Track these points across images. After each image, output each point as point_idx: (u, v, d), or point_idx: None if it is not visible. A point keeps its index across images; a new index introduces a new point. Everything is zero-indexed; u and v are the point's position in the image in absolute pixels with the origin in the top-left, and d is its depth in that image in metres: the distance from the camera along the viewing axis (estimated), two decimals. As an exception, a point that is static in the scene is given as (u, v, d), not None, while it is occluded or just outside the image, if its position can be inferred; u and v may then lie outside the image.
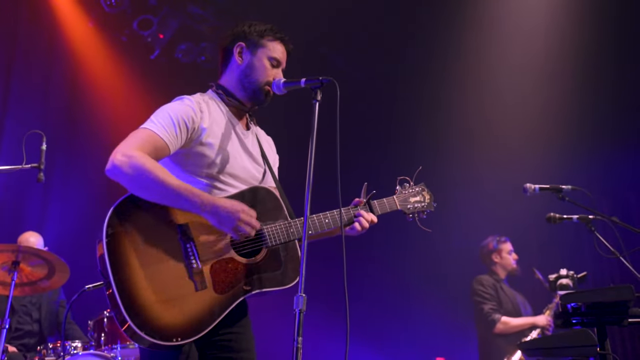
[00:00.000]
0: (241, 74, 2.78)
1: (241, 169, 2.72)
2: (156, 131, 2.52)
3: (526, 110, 7.52)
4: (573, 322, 3.55)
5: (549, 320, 5.83)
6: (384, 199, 2.97)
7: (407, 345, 8.13)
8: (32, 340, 5.69)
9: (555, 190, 4.10)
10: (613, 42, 6.96)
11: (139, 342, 2.35)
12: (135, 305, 2.31)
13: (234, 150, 2.71)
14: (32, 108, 7.12)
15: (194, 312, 2.40)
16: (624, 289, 3.38)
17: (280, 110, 4.22)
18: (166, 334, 2.33)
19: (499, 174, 7.57)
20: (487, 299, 6.02)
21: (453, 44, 7.48)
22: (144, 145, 2.47)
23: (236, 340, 2.63)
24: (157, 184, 2.40)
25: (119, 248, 2.37)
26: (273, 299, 2.71)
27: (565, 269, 4.64)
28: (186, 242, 2.45)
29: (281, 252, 2.63)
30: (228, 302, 2.48)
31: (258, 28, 2.82)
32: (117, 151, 2.44)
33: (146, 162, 2.42)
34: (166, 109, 2.61)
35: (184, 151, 2.61)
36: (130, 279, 2.34)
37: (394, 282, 8.31)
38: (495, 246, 6.26)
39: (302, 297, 2.25)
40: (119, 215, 2.42)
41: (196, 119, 2.60)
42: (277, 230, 2.61)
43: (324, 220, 2.73)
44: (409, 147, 8.01)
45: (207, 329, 2.41)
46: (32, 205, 7.01)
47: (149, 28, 7.51)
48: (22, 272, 4.80)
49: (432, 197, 3.09)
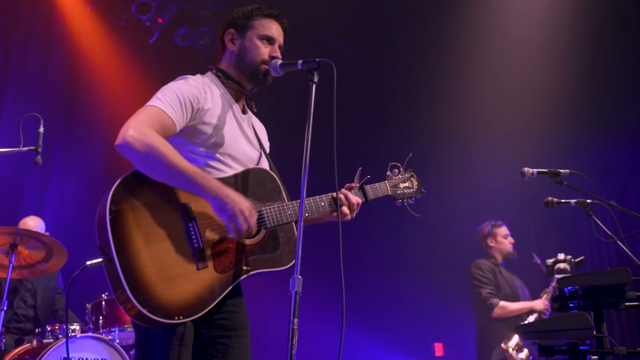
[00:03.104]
0: (236, 59, 2.79)
1: (240, 150, 2.73)
2: (164, 109, 2.51)
3: (525, 95, 7.49)
4: (570, 305, 3.56)
5: (546, 305, 5.85)
6: (377, 184, 3.01)
7: (405, 330, 8.16)
8: (29, 325, 5.72)
9: (553, 174, 4.10)
10: (612, 27, 6.92)
11: (141, 319, 2.35)
12: (138, 283, 2.31)
13: (234, 132, 2.73)
14: (30, 91, 7.11)
15: (195, 291, 2.41)
16: (620, 272, 3.39)
17: (275, 95, 4.21)
18: (168, 312, 2.34)
19: (497, 158, 7.56)
20: (485, 283, 6.02)
21: (451, 29, 7.44)
22: (153, 122, 2.46)
23: (231, 319, 2.65)
24: (165, 165, 2.40)
25: (122, 226, 2.36)
26: (269, 281, 2.72)
27: (562, 254, 4.64)
28: (188, 221, 2.46)
29: (279, 234, 2.65)
30: (228, 281, 2.49)
31: (245, 10, 2.83)
32: (128, 126, 2.42)
33: (157, 142, 2.40)
34: (172, 87, 2.61)
35: (186, 130, 2.61)
36: (133, 256, 2.34)
37: (391, 267, 8.33)
38: (489, 230, 6.27)
39: (298, 278, 2.27)
40: (122, 192, 2.40)
41: (200, 99, 2.61)
42: (275, 211, 2.62)
43: (320, 203, 2.75)
44: (405, 131, 8.01)
45: (207, 307, 2.43)
46: (30, 188, 7.01)
47: (147, 12, 7.49)
48: (20, 254, 4.82)
49: (419, 183, 3.15)
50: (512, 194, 7.49)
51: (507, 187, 7.36)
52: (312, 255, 2.64)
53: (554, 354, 3.44)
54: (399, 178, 3.10)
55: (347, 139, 2.27)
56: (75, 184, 7.17)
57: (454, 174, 7.81)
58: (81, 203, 6.79)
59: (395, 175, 3.11)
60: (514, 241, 6.27)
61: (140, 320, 2.37)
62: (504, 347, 5.72)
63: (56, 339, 4.87)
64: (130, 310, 2.33)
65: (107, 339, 4.87)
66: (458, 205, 7.67)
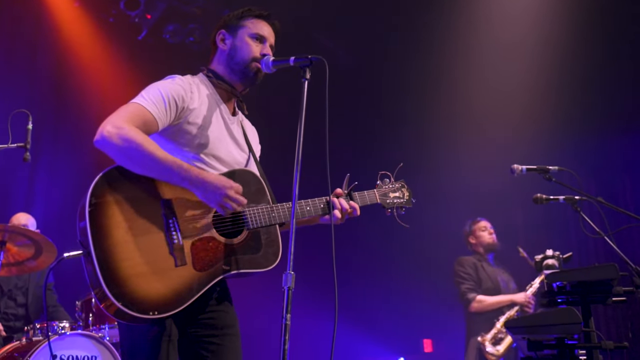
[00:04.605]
0: (227, 58, 2.80)
1: (226, 152, 2.73)
2: (146, 106, 2.53)
3: (513, 94, 7.53)
4: (558, 300, 3.60)
5: (528, 298, 5.89)
6: (365, 192, 3.00)
7: (394, 326, 8.19)
8: (18, 323, 5.67)
9: (542, 171, 4.13)
10: (603, 23, 6.96)
11: (116, 315, 2.36)
12: (114, 277, 2.31)
13: (220, 134, 2.73)
14: (17, 87, 7.05)
15: (172, 287, 2.40)
16: (608, 267, 3.44)
17: (265, 95, 4.21)
18: (143, 307, 2.33)
19: (486, 156, 7.59)
20: (465, 278, 6.13)
21: (440, 28, 7.45)
22: (134, 118, 2.48)
23: (219, 317, 2.66)
24: (145, 156, 2.41)
25: (101, 219, 2.37)
26: (259, 279, 2.71)
27: (551, 250, 4.68)
28: (169, 217, 2.46)
29: (262, 235, 2.64)
30: (207, 279, 2.48)
31: (236, 12, 2.86)
32: (107, 122, 2.45)
33: (135, 135, 2.42)
34: (157, 85, 2.62)
35: (171, 129, 2.61)
36: (110, 250, 2.34)
37: (380, 264, 8.36)
38: (468, 229, 6.41)
39: (291, 274, 2.28)
40: (103, 185, 2.42)
41: (186, 98, 2.62)
42: (259, 213, 2.62)
43: (306, 207, 2.75)
44: (394, 131, 8.03)
45: (184, 304, 2.41)
46: (19, 185, 6.97)
47: (136, 8, 7.43)
48: (9, 252, 4.79)
49: (411, 194, 3.15)
50: (501, 191, 7.53)
51: (496, 184, 7.40)
52: (301, 253, 2.64)
53: (543, 348, 3.47)
54: (388, 187, 3.09)
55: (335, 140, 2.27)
56: (63, 180, 7.12)
57: (442, 172, 7.85)
58: (70, 200, 6.72)
59: (386, 184, 3.09)
60: (493, 231, 6.33)
61: (116, 316, 2.37)
62: (480, 340, 5.80)
63: (45, 337, 4.84)
64: (109, 308, 2.33)
65: (97, 336, 4.85)
66: (447, 203, 7.70)
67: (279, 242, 2.66)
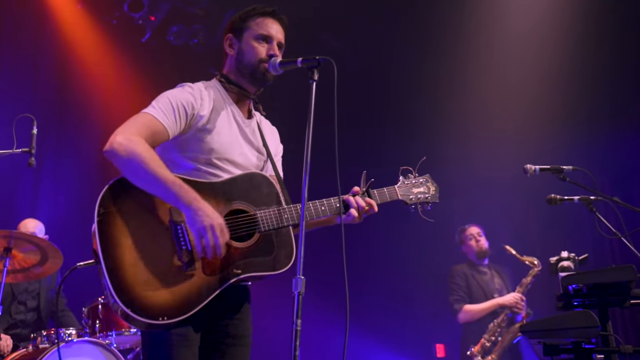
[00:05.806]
0: (235, 62, 2.81)
1: (240, 155, 2.74)
2: (156, 116, 2.57)
3: (525, 91, 7.45)
4: (574, 303, 3.53)
5: (516, 298, 5.80)
6: (385, 188, 2.92)
7: (406, 331, 8.12)
8: (25, 331, 5.62)
9: (556, 170, 4.05)
10: (613, 21, 6.89)
11: (128, 320, 2.39)
12: (122, 284, 2.35)
13: (233, 138, 2.74)
14: (21, 92, 7.03)
15: (181, 292, 2.42)
16: (625, 269, 3.35)
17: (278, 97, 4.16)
18: (152, 313, 2.36)
19: (498, 156, 7.52)
20: (454, 289, 6.12)
21: (452, 25, 7.41)
22: (143, 129, 2.53)
23: (233, 325, 2.68)
24: (146, 173, 2.44)
25: (110, 228, 2.42)
26: (272, 283, 2.67)
27: (566, 251, 4.59)
28: (177, 223, 2.47)
29: (274, 238, 2.62)
30: (217, 284, 2.49)
31: (241, 13, 2.86)
32: (117, 133, 2.49)
33: (142, 150, 2.46)
34: (167, 95, 2.66)
35: (183, 136, 2.65)
36: (119, 258, 2.39)
37: (393, 268, 8.29)
38: (457, 238, 6.41)
39: (301, 279, 2.26)
40: (112, 194, 2.47)
41: (196, 106, 2.65)
42: (270, 215, 2.61)
43: (320, 207, 2.72)
44: (405, 129, 7.96)
45: (194, 309, 2.43)
46: (24, 190, 6.95)
47: (140, 10, 7.43)
48: (15, 258, 4.75)
49: (437, 188, 3.04)
50: (514, 191, 7.44)
51: (508, 184, 7.31)
52: (313, 257, 2.58)
53: (559, 353, 3.40)
54: (412, 183, 2.98)
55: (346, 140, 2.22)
56: (68, 185, 7.10)
57: (454, 173, 7.74)
58: (75, 205, 6.72)
59: (408, 179, 2.98)
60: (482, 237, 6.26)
61: (129, 322, 2.40)
62: (469, 355, 5.79)
63: (52, 344, 4.79)
64: (121, 315, 2.37)
65: (104, 343, 4.81)
66: (459, 204, 7.61)
67: (293, 244, 2.64)
